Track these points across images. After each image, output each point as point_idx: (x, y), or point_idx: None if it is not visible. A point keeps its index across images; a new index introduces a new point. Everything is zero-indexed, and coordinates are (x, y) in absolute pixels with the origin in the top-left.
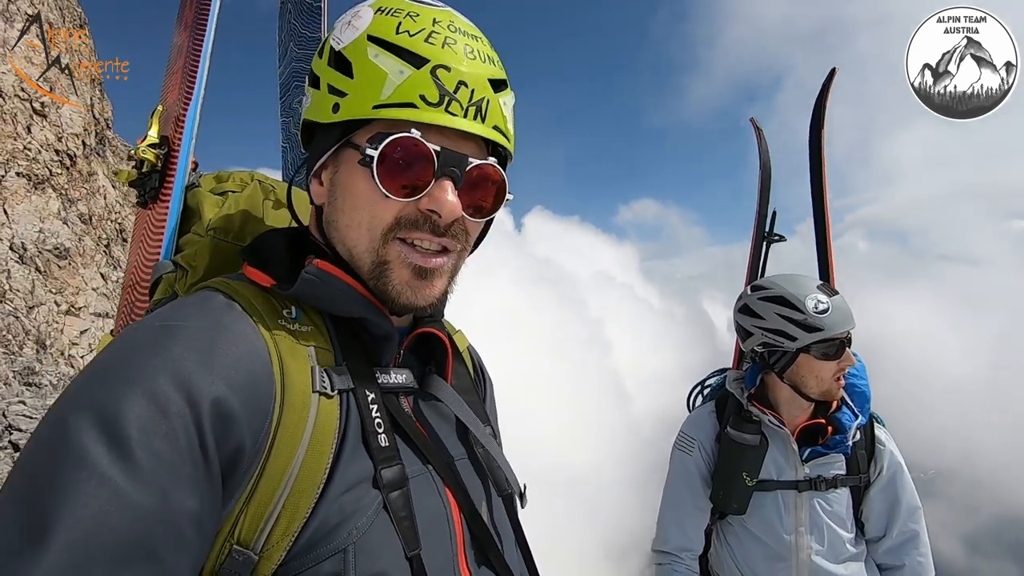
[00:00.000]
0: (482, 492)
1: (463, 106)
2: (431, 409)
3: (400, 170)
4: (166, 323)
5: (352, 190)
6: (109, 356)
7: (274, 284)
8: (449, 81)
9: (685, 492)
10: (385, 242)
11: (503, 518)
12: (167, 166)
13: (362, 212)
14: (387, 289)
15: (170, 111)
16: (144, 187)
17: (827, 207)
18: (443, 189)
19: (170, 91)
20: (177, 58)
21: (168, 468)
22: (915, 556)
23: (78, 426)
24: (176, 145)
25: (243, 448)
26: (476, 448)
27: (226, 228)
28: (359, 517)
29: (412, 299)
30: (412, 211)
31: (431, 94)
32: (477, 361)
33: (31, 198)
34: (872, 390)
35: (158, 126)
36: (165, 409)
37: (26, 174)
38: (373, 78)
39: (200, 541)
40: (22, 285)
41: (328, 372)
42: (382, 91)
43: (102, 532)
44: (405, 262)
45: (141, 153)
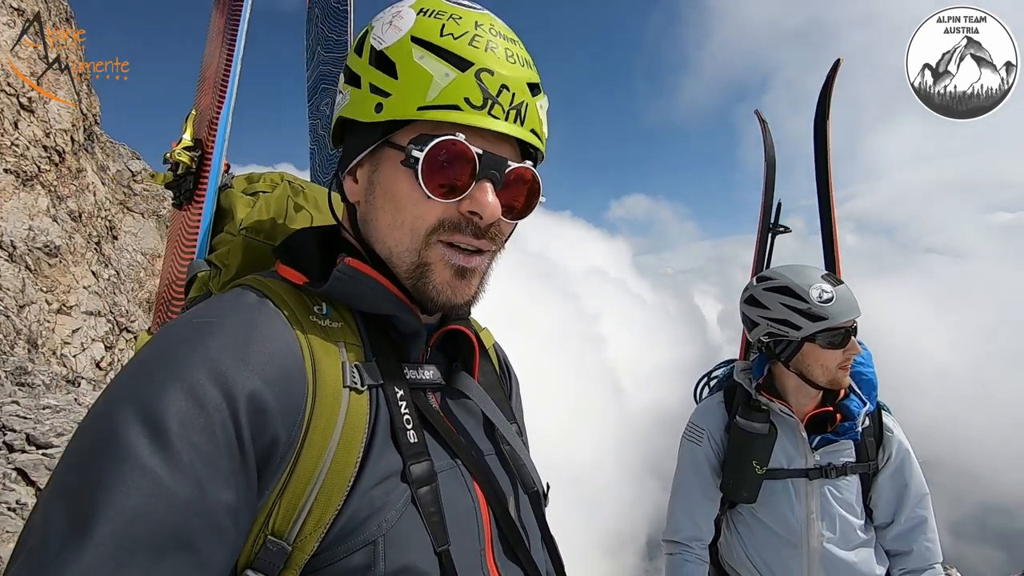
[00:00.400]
0: (510, 488)
1: (504, 109)
2: (459, 405)
3: (443, 172)
4: (203, 320)
5: (394, 190)
6: (149, 352)
7: (306, 282)
8: (492, 85)
9: (695, 482)
10: (428, 244)
11: (530, 515)
12: (201, 168)
13: (404, 213)
14: (427, 289)
15: (203, 115)
16: (179, 189)
17: (832, 197)
18: (484, 191)
19: (203, 95)
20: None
21: (206, 461)
22: (923, 541)
23: (121, 419)
24: (210, 148)
25: (277, 441)
26: (503, 445)
27: (257, 228)
28: (388, 510)
29: (451, 298)
30: (454, 213)
31: (475, 97)
32: (503, 358)
33: (19, 195)
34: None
35: (192, 129)
36: (203, 403)
37: (14, 171)
38: (419, 80)
39: (236, 532)
40: (12, 284)
41: (358, 368)
42: (428, 93)
43: (144, 522)
44: (448, 263)
45: (176, 156)
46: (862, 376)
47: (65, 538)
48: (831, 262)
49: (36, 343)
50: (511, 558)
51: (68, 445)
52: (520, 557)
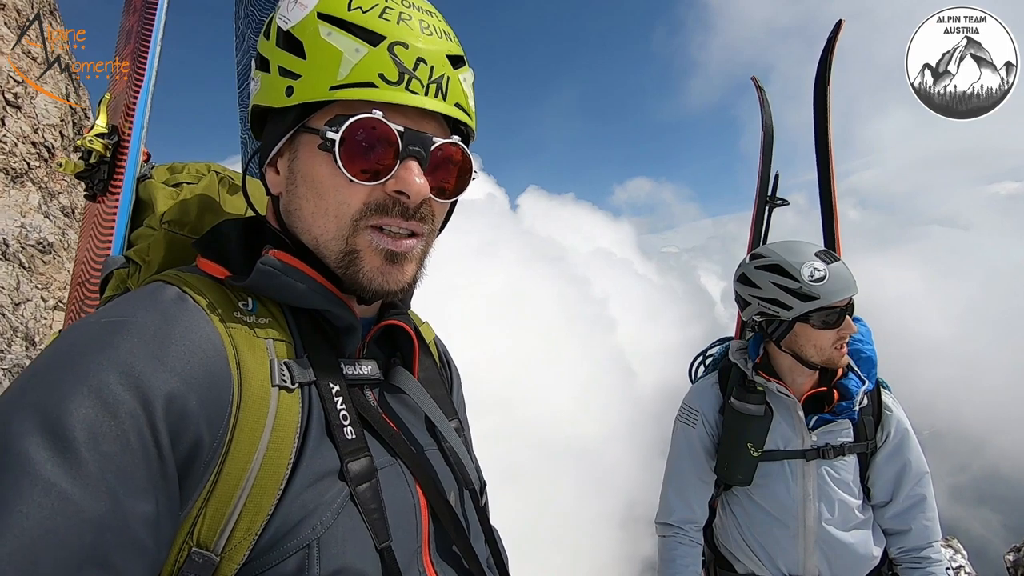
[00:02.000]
0: (452, 482)
1: (423, 84)
2: (397, 401)
3: (363, 153)
4: (113, 318)
5: (314, 177)
6: (52, 355)
7: (229, 276)
8: (407, 58)
9: (689, 464)
10: (355, 230)
11: (472, 510)
12: (116, 157)
13: (327, 199)
14: (358, 277)
15: (119, 99)
16: (92, 179)
17: (832, 169)
18: (409, 170)
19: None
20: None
21: (119, 472)
22: (922, 520)
23: (19, 430)
24: (126, 135)
25: (200, 447)
26: (442, 441)
27: (182, 220)
28: (323, 512)
29: (384, 285)
30: (380, 195)
31: (390, 72)
32: (443, 353)
33: (10, 192)
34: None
35: (107, 115)
36: (114, 409)
37: (3, 168)
38: (328, 58)
39: (156, 546)
40: (6, 282)
41: (288, 365)
42: (338, 71)
43: (49, 541)
44: (376, 249)
45: (88, 143)
46: (861, 354)
47: None
48: (831, 236)
49: (33, 340)
50: (447, 555)
51: None
52: (459, 551)
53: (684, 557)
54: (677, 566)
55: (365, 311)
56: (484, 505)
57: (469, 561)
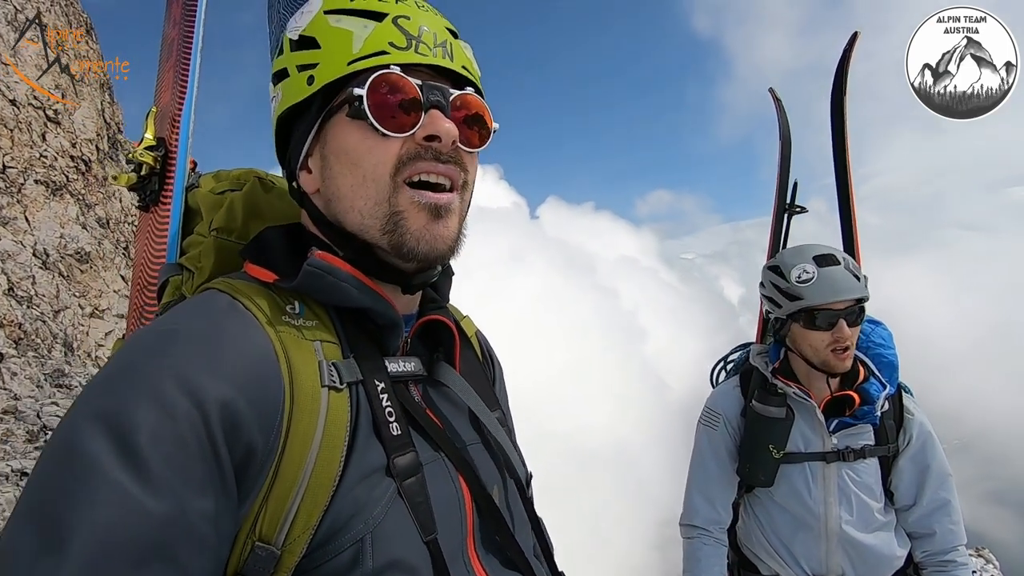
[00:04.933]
0: (496, 476)
1: (430, 47)
2: (441, 396)
3: (391, 105)
4: (167, 328)
5: (347, 146)
6: (114, 366)
7: (276, 280)
8: (412, 27)
9: (712, 466)
10: (394, 188)
11: (517, 501)
12: (166, 168)
13: (363, 164)
14: (405, 239)
15: (164, 111)
16: (144, 190)
17: (850, 175)
18: (435, 117)
19: (163, 91)
20: (168, 56)
21: (179, 471)
22: (947, 524)
23: (88, 435)
24: (173, 146)
25: (254, 449)
26: (487, 434)
27: (229, 227)
28: (374, 507)
29: (432, 243)
30: (411, 146)
31: (398, 40)
32: (485, 346)
33: (50, 204)
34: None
35: (154, 128)
36: (172, 413)
37: (44, 181)
38: (340, 39)
39: (218, 539)
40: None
41: (336, 365)
42: (352, 47)
43: (118, 537)
44: (419, 204)
45: (139, 156)
46: (882, 358)
47: (36, 557)
48: (849, 240)
49: (72, 346)
50: (493, 547)
51: (36, 464)
52: (504, 543)
53: (710, 558)
54: (703, 567)
55: (406, 307)
56: (530, 495)
57: (513, 552)
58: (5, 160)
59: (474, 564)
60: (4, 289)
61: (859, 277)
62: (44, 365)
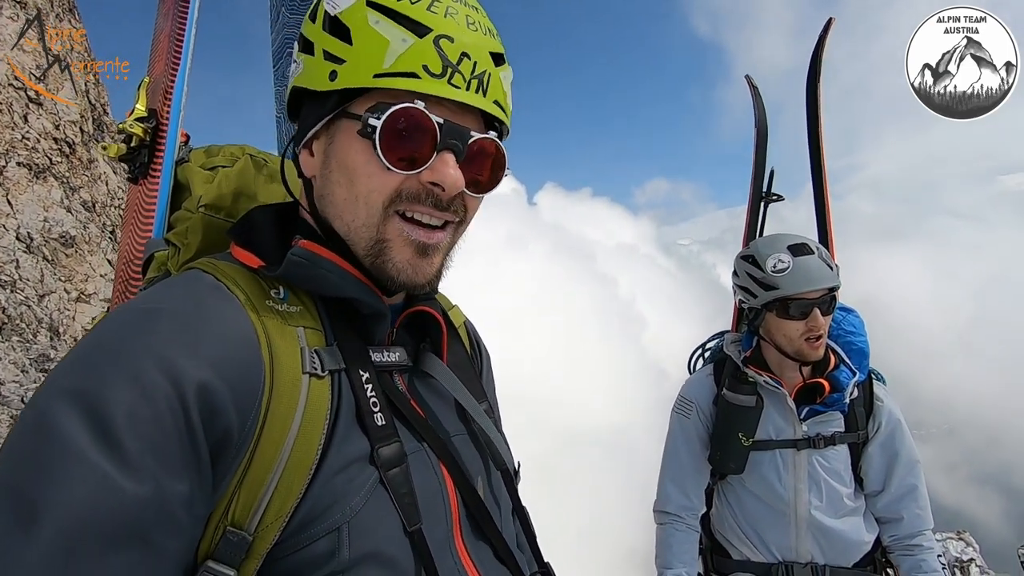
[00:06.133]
0: (481, 467)
1: (465, 79)
2: (426, 387)
3: (402, 142)
4: (150, 306)
5: (350, 162)
6: (92, 340)
7: (261, 266)
8: (452, 52)
9: (684, 454)
10: (385, 217)
11: (502, 492)
12: (156, 140)
13: (360, 185)
14: (386, 267)
15: (157, 82)
16: (134, 162)
17: (824, 165)
18: (445, 162)
19: (156, 61)
20: (163, 27)
21: (155, 452)
22: (914, 509)
23: (63, 413)
24: (164, 118)
25: (231, 432)
26: (473, 425)
27: (217, 204)
28: (353, 496)
29: (412, 277)
30: (414, 184)
31: (434, 64)
32: (473, 336)
33: (33, 187)
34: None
35: (146, 99)
36: (150, 394)
37: (27, 164)
38: (374, 45)
39: (192, 522)
40: (31, 274)
41: (318, 353)
42: (384, 59)
43: (92, 516)
44: (407, 239)
45: (129, 127)
46: (852, 346)
47: (10, 535)
48: (823, 229)
49: (58, 331)
50: (479, 536)
51: (6, 440)
52: (488, 533)
53: (681, 544)
54: (674, 552)
55: (392, 298)
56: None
57: (497, 542)
58: None
59: (462, 555)
60: None
61: (831, 266)
62: (29, 350)
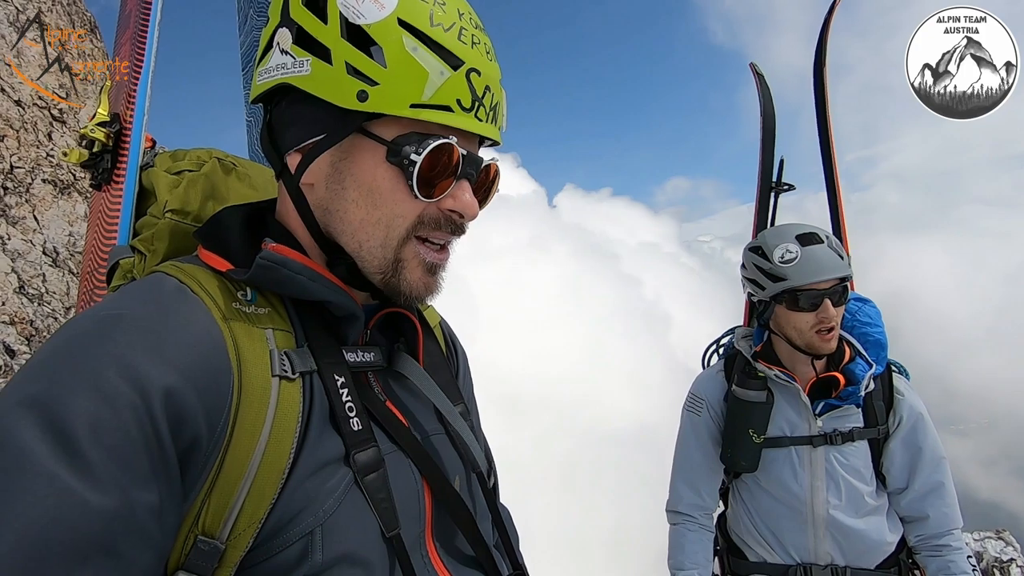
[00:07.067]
0: (460, 467)
1: (487, 111)
2: (401, 387)
3: (433, 174)
4: (111, 312)
5: (373, 187)
6: (51, 348)
7: (230, 269)
8: (479, 86)
9: (696, 453)
10: (404, 240)
11: (479, 493)
12: (119, 145)
13: (382, 210)
14: (400, 286)
15: (120, 86)
16: (97, 168)
17: (834, 151)
18: (465, 190)
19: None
20: (124, 28)
21: (121, 463)
22: (940, 507)
23: (19, 424)
24: (128, 122)
25: (200, 439)
26: (449, 426)
27: (184, 209)
28: (325, 499)
29: (422, 294)
30: (434, 211)
31: (465, 99)
32: (449, 336)
33: (58, 203)
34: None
35: (108, 103)
36: (114, 402)
37: (51, 180)
38: (414, 75)
39: (161, 533)
40: (57, 287)
41: (288, 354)
42: (423, 91)
43: (54, 531)
44: (422, 261)
45: (90, 132)
46: (868, 337)
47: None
48: (835, 218)
49: None
50: (452, 538)
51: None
52: (464, 534)
53: (693, 544)
54: (686, 552)
55: (365, 298)
56: (493, 487)
57: (474, 543)
58: (12, 160)
59: (432, 556)
60: (15, 287)
61: (842, 256)
62: None
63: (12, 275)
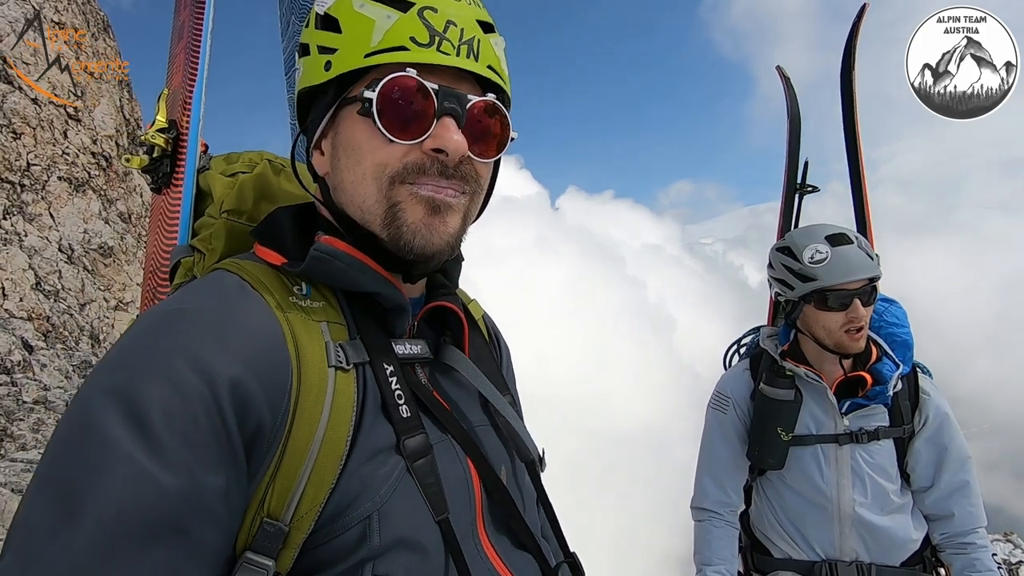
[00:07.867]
0: (505, 457)
1: (454, 45)
2: (448, 379)
3: (401, 112)
4: (178, 307)
5: (353, 142)
6: (124, 343)
7: (284, 263)
8: (437, 21)
9: (722, 449)
10: (392, 186)
11: (526, 482)
12: (177, 150)
13: (365, 162)
14: (401, 232)
15: (176, 94)
16: (156, 172)
17: (861, 154)
18: (446, 127)
19: (175, 73)
20: (179, 39)
21: (191, 447)
22: (965, 506)
23: (101, 410)
24: (184, 128)
25: (263, 427)
26: (496, 417)
27: (239, 209)
28: (381, 485)
29: (428, 238)
30: (417, 155)
31: (421, 35)
32: (492, 329)
33: (73, 200)
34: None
35: (165, 110)
36: (184, 390)
37: (67, 178)
38: (361, 27)
39: (229, 515)
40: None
41: (342, 346)
42: (371, 38)
43: (132, 509)
44: (418, 196)
45: (150, 138)
46: (895, 337)
47: (54, 527)
48: (861, 220)
49: (98, 338)
50: (502, 526)
51: (51, 437)
52: (512, 523)
53: (720, 540)
54: (713, 548)
55: (413, 291)
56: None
57: (521, 531)
58: (29, 158)
59: (484, 543)
60: (32, 284)
61: (872, 256)
62: (72, 357)
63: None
